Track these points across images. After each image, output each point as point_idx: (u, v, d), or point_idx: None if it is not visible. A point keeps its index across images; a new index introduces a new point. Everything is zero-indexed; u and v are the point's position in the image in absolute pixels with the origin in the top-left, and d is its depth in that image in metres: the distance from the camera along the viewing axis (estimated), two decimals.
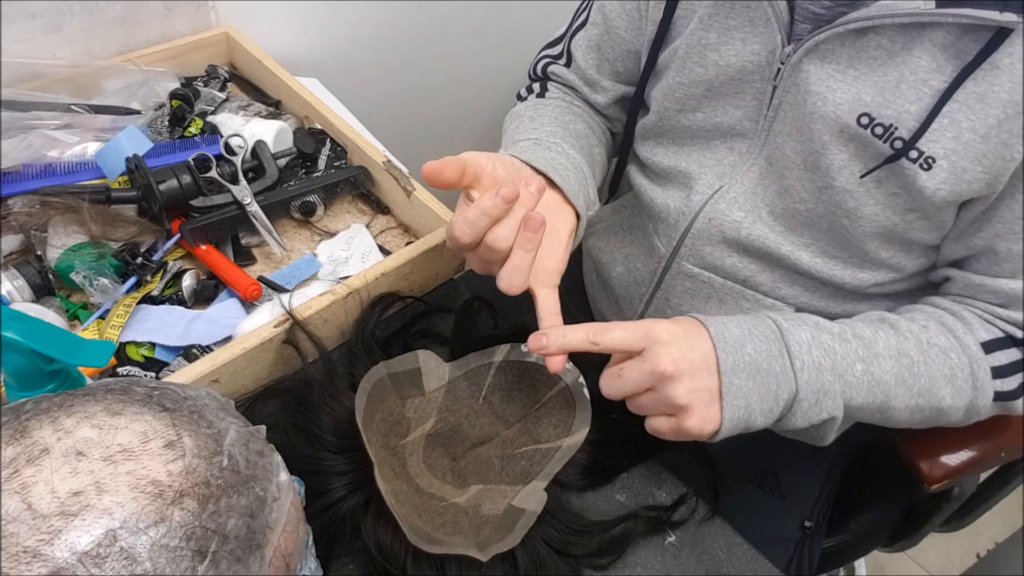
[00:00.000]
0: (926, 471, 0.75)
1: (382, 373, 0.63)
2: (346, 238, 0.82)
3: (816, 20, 0.60)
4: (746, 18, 0.64)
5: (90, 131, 0.83)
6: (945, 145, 0.57)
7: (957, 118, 0.56)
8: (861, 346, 0.60)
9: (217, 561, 0.33)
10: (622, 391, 0.57)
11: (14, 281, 0.68)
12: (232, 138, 0.81)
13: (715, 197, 0.70)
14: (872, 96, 0.59)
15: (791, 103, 0.63)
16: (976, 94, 0.55)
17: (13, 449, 0.32)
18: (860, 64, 0.59)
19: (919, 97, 0.57)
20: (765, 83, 0.64)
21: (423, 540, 0.53)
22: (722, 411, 0.56)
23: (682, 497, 0.64)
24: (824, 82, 0.60)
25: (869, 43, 0.58)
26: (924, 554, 1.57)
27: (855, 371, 0.59)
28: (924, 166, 0.58)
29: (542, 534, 0.57)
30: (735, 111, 0.68)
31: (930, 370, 0.61)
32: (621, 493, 0.64)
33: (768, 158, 0.67)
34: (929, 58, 0.56)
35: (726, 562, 0.61)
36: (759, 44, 0.63)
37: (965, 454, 0.76)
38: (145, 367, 0.68)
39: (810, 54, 0.60)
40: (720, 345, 0.56)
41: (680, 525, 0.62)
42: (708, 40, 0.66)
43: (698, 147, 0.72)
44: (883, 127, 0.58)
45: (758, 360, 0.57)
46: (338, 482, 0.57)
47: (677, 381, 0.55)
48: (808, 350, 0.58)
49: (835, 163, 0.62)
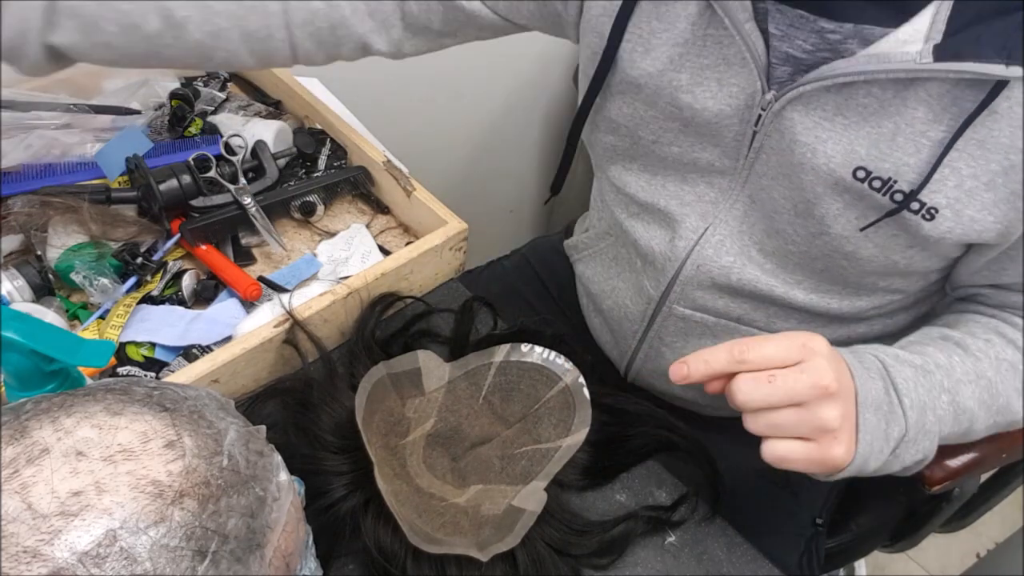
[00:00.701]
0: (927, 472, 0.75)
1: (382, 373, 0.63)
2: (346, 238, 0.82)
3: (796, 63, 0.56)
4: (720, 56, 0.59)
5: (90, 131, 0.83)
6: (947, 195, 0.54)
7: (958, 166, 0.53)
8: (945, 376, 0.57)
9: (217, 561, 0.33)
10: (766, 400, 0.49)
11: (14, 281, 0.68)
12: (232, 138, 0.81)
13: (701, 242, 0.67)
14: (867, 149, 0.55)
15: (775, 148, 0.60)
16: (976, 141, 0.52)
17: (13, 449, 0.32)
18: (849, 112, 0.55)
19: (918, 149, 0.54)
20: (744, 126, 0.60)
21: (423, 540, 0.53)
22: (857, 445, 0.51)
23: (682, 497, 0.64)
24: (811, 131, 0.56)
25: (857, 92, 0.54)
26: (924, 554, 1.57)
27: (942, 403, 0.56)
28: (927, 216, 0.55)
29: (542, 534, 0.57)
30: (713, 148, 0.64)
31: (1006, 388, 0.59)
32: (621, 493, 0.64)
33: (751, 196, 0.64)
34: (925, 109, 0.53)
35: (726, 562, 0.61)
36: (736, 87, 0.59)
37: (966, 455, 0.76)
38: (145, 367, 0.68)
39: (793, 102, 0.56)
40: (857, 374, 0.52)
41: (680, 525, 0.62)
42: (680, 82, 0.61)
43: (674, 179, 0.68)
44: (881, 180, 0.55)
45: (878, 396, 0.53)
46: (338, 482, 0.57)
47: (834, 401, 0.49)
48: (914, 386, 0.55)
49: (830, 212, 0.59)
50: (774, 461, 0.51)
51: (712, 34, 0.58)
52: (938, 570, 1.57)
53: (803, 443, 0.50)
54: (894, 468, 0.56)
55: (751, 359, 0.50)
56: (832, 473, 0.53)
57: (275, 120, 0.88)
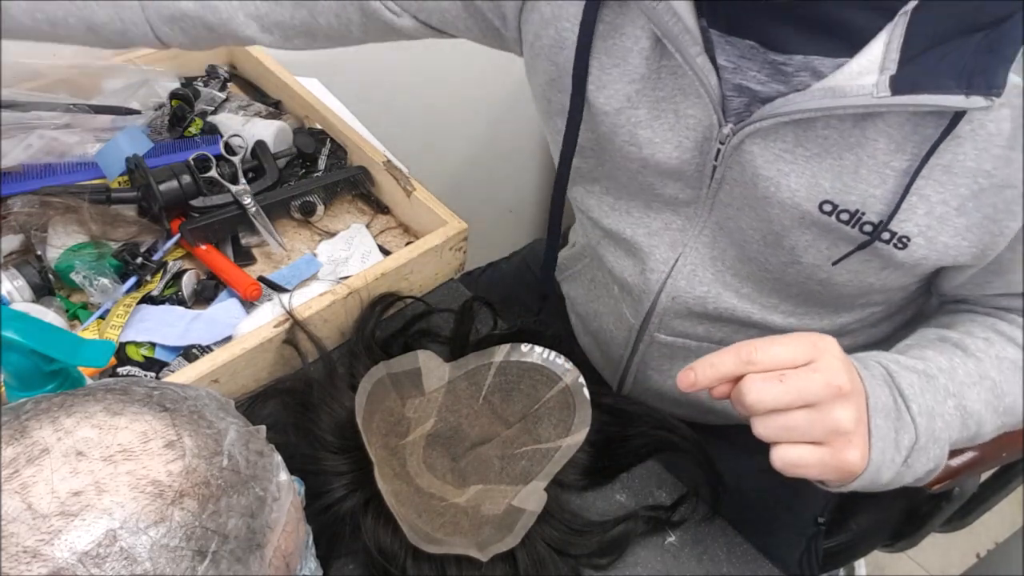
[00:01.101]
0: None
1: (382, 373, 0.63)
2: (346, 238, 0.82)
3: (751, 95, 0.55)
4: (675, 87, 0.57)
5: (90, 131, 0.83)
6: (918, 222, 0.53)
7: (926, 193, 0.52)
8: (948, 380, 0.55)
9: (217, 561, 0.33)
10: (777, 401, 0.47)
11: (14, 281, 0.68)
12: (232, 138, 0.81)
13: (673, 273, 0.66)
14: (831, 182, 0.54)
15: (737, 180, 0.58)
16: (941, 167, 0.51)
17: (13, 449, 0.32)
18: (810, 144, 0.53)
19: (883, 180, 0.52)
20: (704, 158, 0.59)
21: (423, 540, 0.53)
22: (871, 451, 0.49)
23: (682, 497, 0.63)
24: (773, 164, 0.55)
25: (816, 124, 0.53)
26: (924, 554, 1.57)
27: (948, 408, 0.54)
28: (899, 246, 0.54)
29: (542, 534, 0.57)
30: (675, 183, 0.62)
31: (1011, 388, 0.57)
32: (621, 493, 0.64)
33: (718, 223, 0.63)
34: (886, 140, 0.51)
35: (726, 562, 0.61)
36: (693, 118, 0.57)
37: (966, 454, 0.76)
38: (145, 367, 0.68)
39: (752, 135, 0.55)
40: (866, 378, 0.51)
41: (680, 525, 0.62)
42: (639, 117, 0.59)
43: (638, 205, 0.66)
44: (849, 213, 0.54)
45: (887, 403, 0.51)
46: (338, 482, 0.57)
47: (848, 402, 0.47)
48: (920, 392, 0.53)
49: (799, 244, 0.58)
50: (785, 468, 0.48)
51: (667, 65, 0.57)
52: (938, 570, 1.57)
53: (815, 447, 0.48)
54: (907, 479, 0.54)
55: (760, 360, 0.47)
56: (846, 481, 0.50)
57: (275, 120, 0.88)
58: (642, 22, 0.56)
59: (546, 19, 0.61)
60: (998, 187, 0.51)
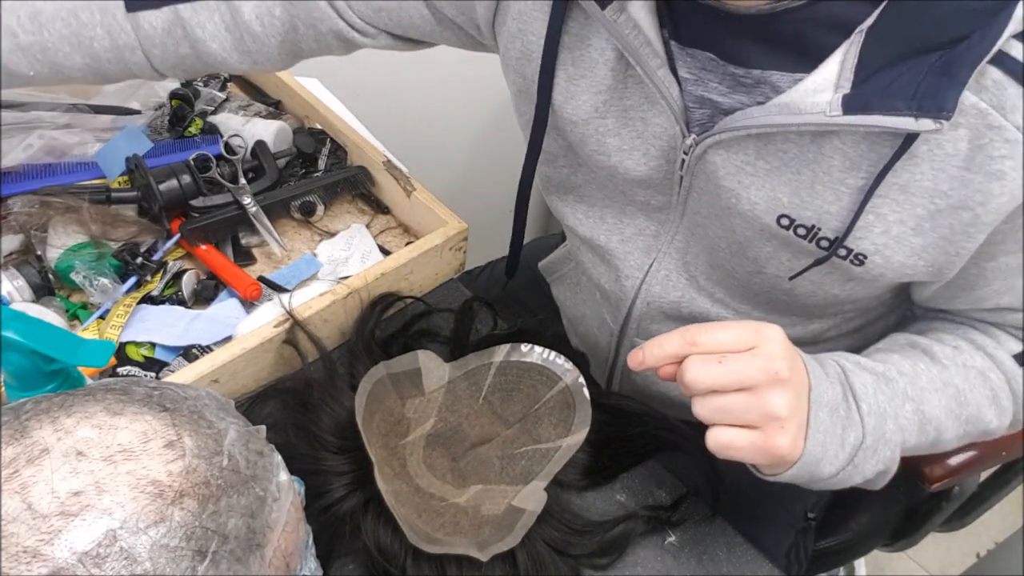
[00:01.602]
0: (927, 470, 0.76)
1: (382, 373, 0.63)
2: (346, 238, 0.82)
3: (713, 106, 0.55)
4: (642, 96, 0.58)
5: (90, 131, 0.83)
6: (874, 241, 0.53)
7: (882, 212, 0.52)
8: (909, 384, 0.55)
9: (217, 561, 0.33)
10: (715, 381, 0.49)
11: (14, 281, 0.68)
12: (232, 138, 0.81)
13: (647, 279, 0.66)
14: (789, 197, 0.54)
15: (703, 189, 0.59)
16: (898, 186, 0.50)
17: (13, 449, 0.32)
18: (770, 157, 0.54)
19: (838, 197, 0.52)
20: (671, 166, 0.59)
21: (423, 540, 0.53)
22: (806, 442, 0.50)
23: (682, 497, 0.64)
24: (734, 176, 0.55)
25: (775, 139, 0.53)
26: (924, 554, 1.57)
27: (906, 412, 0.55)
28: (856, 262, 0.54)
29: (542, 534, 0.57)
30: (645, 190, 0.63)
31: (975, 396, 0.57)
32: (621, 493, 0.64)
33: (690, 228, 0.63)
34: (841, 157, 0.51)
35: (726, 562, 0.61)
36: (660, 127, 0.58)
37: (966, 453, 0.76)
38: (145, 367, 0.68)
39: (714, 147, 0.55)
40: (812, 371, 0.51)
41: (680, 525, 0.62)
42: (607, 127, 0.60)
43: (612, 211, 0.67)
44: (806, 228, 0.54)
45: (835, 399, 0.52)
46: (338, 482, 0.57)
47: (785, 389, 0.48)
48: (873, 393, 0.53)
49: (762, 255, 0.58)
50: (718, 449, 0.50)
51: (632, 75, 0.57)
52: (938, 570, 1.57)
53: (748, 431, 0.49)
54: (855, 479, 0.54)
55: (703, 342, 0.49)
56: (777, 467, 0.52)
57: (275, 120, 0.88)
58: (606, 34, 0.56)
59: (512, 33, 0.61)
60: (954, 208, 0.50)
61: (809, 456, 0.50)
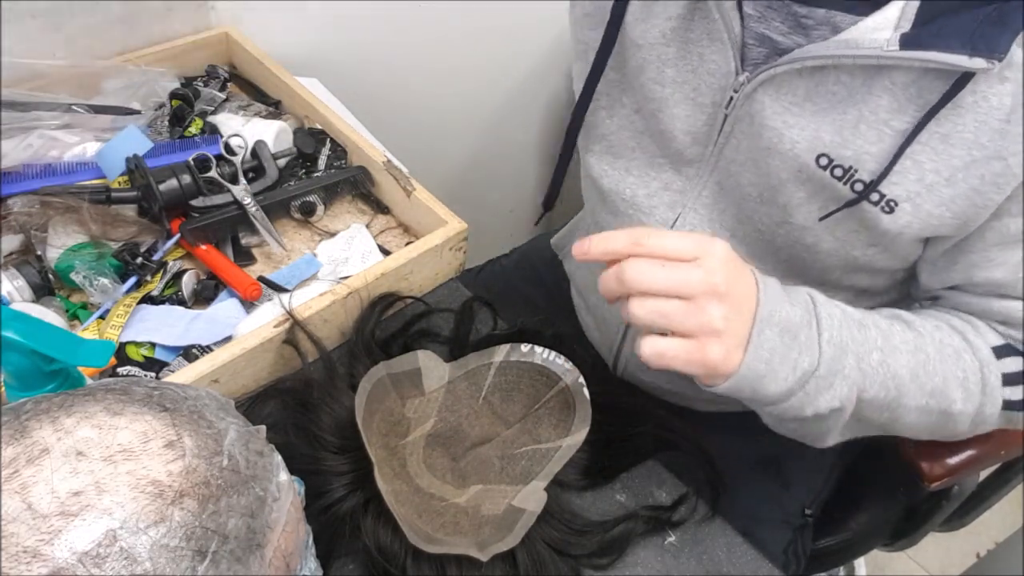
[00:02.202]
0: (926, 469, 0.76)
1: (382, 373, 0.63)
2: (346, 238, 0.82)
3: (772, 46, 0.57)
4: (704, 31, 0.60)
5: (90, 131, 0.83)
6: (908, 188, 0.54)
7: (920, 160, 0.53)
8: (880, 336, 0.56)
9: (217, 561, 0.33)
10: (653, 283, 0.49)
11: (14, 281, 0.68)
12: (232, 138, 0.81)
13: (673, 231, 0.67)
14: (831, 136, 0.55)
15: (744, 133, 0.60)
16: (940, 135, 0.52)
17: (13, 449, 0.32)
18: (818, 99, 0.55)
19: (879, 138, 0.54)
20: (717, 108, 0.61)
21: (423, 540, 0.53)
22: (744, 356, 0.51)
23: (682, 497, 0.64)
24: (780, 116, 0.57)
25: (827, 79, 0.55)
26: (924, 553, 1.57)
27: (872, 359, 0.55)
28: (886, 209, 0.55)
29: (542, 534, 0.57)
30: (684, 136, 0.64)
31: (944, 369, 0.58)
32: (621, 493, 0.64)
33: (719, 183, 0.64)
34: (890, 98, 0.53)
35: (726, 562, 0.61)
36: (715, 64, 0.60)
37: (965, 452, 0.76)
38: (145, 367, 0.68)
39: (765, 84, 0.57)
40: (763, 290, 0.52)
41: (680, 525, 0.62)
42: (668, 55, 0.62)
43: (639, 164, 0.68)
44: (843, 169, 0.56)
45: (791, 321, 0.53)
46: (338, 482, 0.57)
47: (722, 302, 0.49)
48: (838, 326, 0.54)
49: (792, 200, 0.59)
50: (652, 357, 0.50)
51: (700, 8, 0.59)
52: (938, 570, 1.57)
53: (683, 341, 0.50)
54: (807, 410, 0.55)
55: (649, 244, 0.50)
56: (713, 378, 0.52)
57: (275, 120, 0.88)
58: None
59: None
60: (988, 159, 0.52)
61: (748, 371, 0.51)
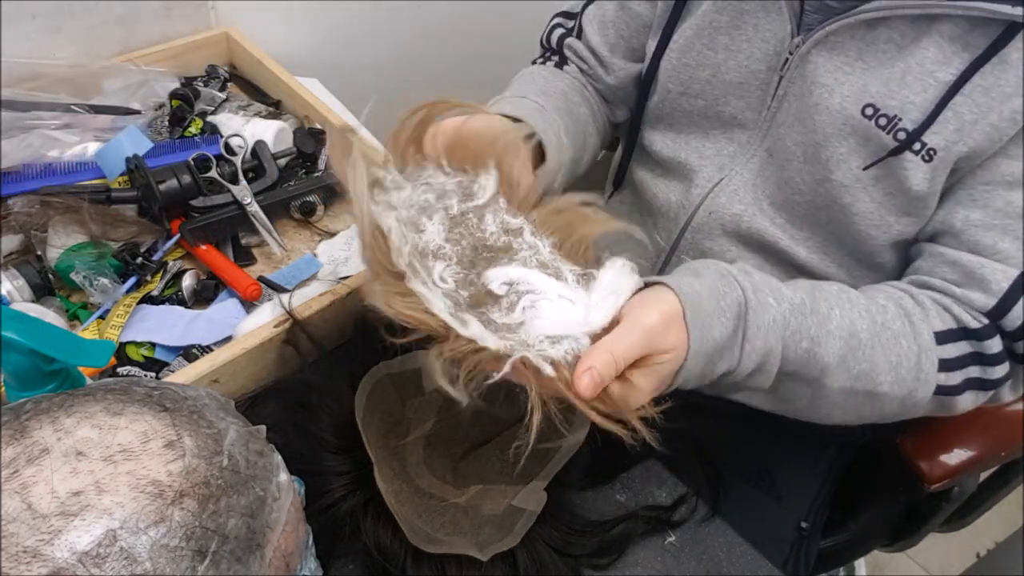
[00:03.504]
0: (926, 470, 0.75)
1: (382, 373, 0.63)
2: (346, 238, 0.82)
3: (828, 11, 0.61)
4: (759, 4, 0.64)
5: (90, 131, 0.83)
6: (947, 137, 0.57)
7: (961, 111, 0.57)
8: (815, 323, 0.56)
9: (217, 561, 0.33)
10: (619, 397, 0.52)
11: (14, 281, 0.68)
12: (232, 138, 0.81)
13: (715, 190, 0.71)
14: (877, 87, 0.59)
15: (796, 94, 0.64)
16: (982, 87, 0.56)
17: (13, 449, 0.32)
18: (869, 57, 0.59)
19: (924, 88, 0.57)
20: (771, 72, 0.65)
21: (423, 540, 0.53)
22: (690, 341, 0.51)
23: (682, 497, 0.64)
24: (832, 74, 0.61)
25: (879, 36, 0.58)
26: (924, 554, 1.57)
27: (800, 347, 0.55)
28: (926, 158, 0.58)
29: (542, 534, 0.57)
30: (738, 101, 0.68)
31: (875, 355, 0.58)
32: (621, 493, 0.64)
33: (769, 150, 0.68)
34: (936, 50, 0.57)
35: (726, 562, 0.61)
36: (770, 31, 0.64)
37: (965, 453, 0.76)
38: (145, 367, 0.68)
39: (819, 45, 0.61)
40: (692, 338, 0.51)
41: (680, 525, 0.62)
42: (720, 23, 0.66)
43: (697, 135, 0.72)
44: (887, 118, 0.59)
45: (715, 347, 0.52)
46: (338, 482, 0.57)
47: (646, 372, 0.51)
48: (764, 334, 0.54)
49: (835, 156, 0.62)
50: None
51: None
52: (938, 570, 1.57)
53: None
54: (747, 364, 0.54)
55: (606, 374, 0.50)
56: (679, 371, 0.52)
57: (275, 120, 0.88)
58: None
59: None
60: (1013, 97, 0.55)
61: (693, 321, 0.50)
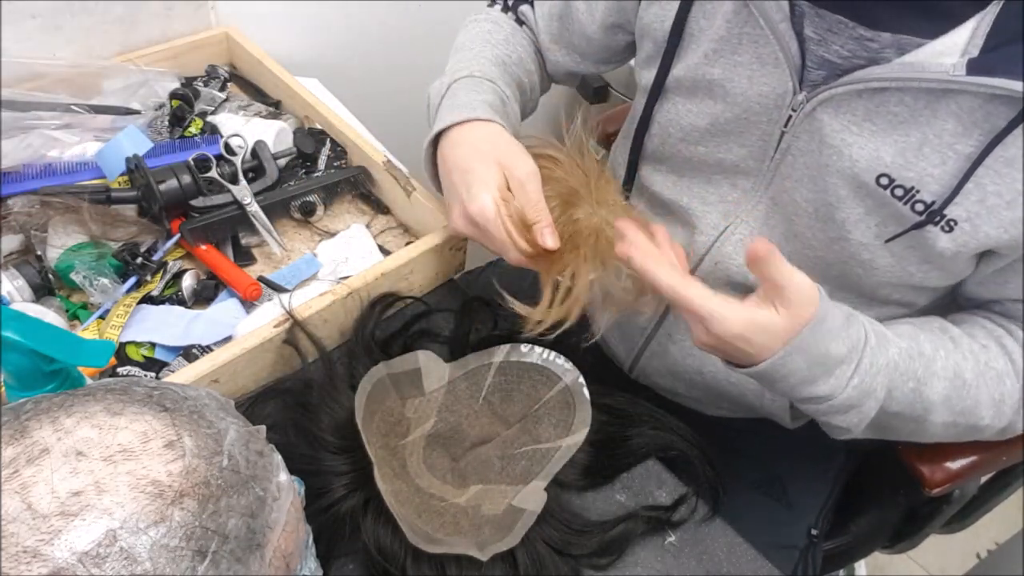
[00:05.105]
0: (927, 475, 0.75)
1: (382, 373, 0.63)
2: (346, 238, 0.82)
3: (831, 68, 0.57)
4: (753, 55, 0.60)
5: (90, 131, 0.83)
6: (968, 208, 0.55)
7: (983, 182, 0.54)
8: (921, 366, 0.59)
9: (217, 561, 0.33)
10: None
11: (14, 281, 0.68)
12: (232, 138, 0.81)
13: (721, 239, 0.68)
14: (892, 157, 0.55)
15: (802, 150, 0.60)
16: (1004, 159, 0.52)
17: (13, 449, 0.32)
18: (879, 120, 0.56)
19: (943, 161, 0.54)
20: (772, 126, 0.61)
21: (423, 540, 0.53)
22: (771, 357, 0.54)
23: (682, 497, 0.64)
24: (839, 135, 0.57)
25: (889, 100, 0.55)
26: (924, 555, 1.57)
27: (906, 388, 0.58)
28: (946, 228, 0.56)
29: (542, 534, 0.57)
30: (739, 149, 0.65)
31: (979, 393, 0.59)
32: (621, 493, 0.64)
33: (773, 199, 0.65)
34: (955, 122, 0.53)
35: (726, 562, 0.61)
36: (767, 86, 0.60)
37: (966, 458, 0.76)
38: (145, 367, 0.68)
39: (824, 104, 0.57)
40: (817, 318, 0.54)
41: (680, 525, 0.62)
42: (712, 75, 0.63)
43: (699, 180, 0.69)
44: (904, 189, 0.56)
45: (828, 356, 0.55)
46: (338, 482, 0.57)
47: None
48: (874, 374, 0.57)
49: (851, 217, 0.59)
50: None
51: (748, 32, 0.60)
52: (938, 571, 1.57)
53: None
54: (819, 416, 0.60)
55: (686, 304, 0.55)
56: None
57: (275, 120, 0.88)
58: None
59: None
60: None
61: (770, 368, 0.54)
